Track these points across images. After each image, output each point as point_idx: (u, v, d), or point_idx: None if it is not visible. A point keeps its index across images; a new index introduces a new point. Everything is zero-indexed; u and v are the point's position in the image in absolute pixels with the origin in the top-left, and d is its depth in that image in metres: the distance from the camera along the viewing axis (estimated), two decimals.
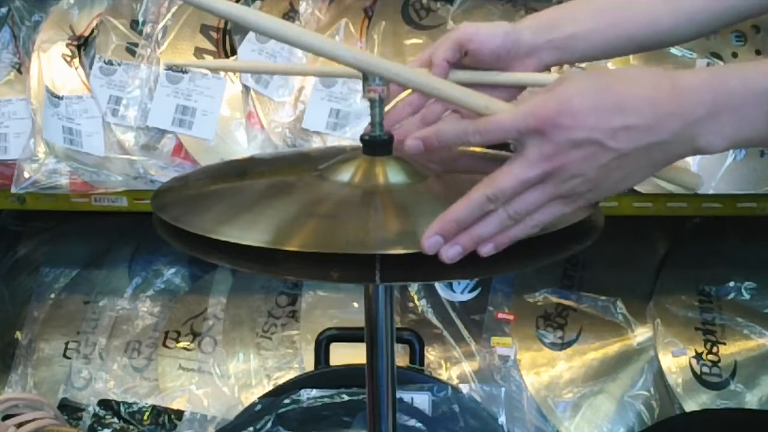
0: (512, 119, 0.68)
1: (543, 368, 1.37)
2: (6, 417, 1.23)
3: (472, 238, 0.68)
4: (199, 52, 1.38)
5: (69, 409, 1.40)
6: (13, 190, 1.38)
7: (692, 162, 1.27)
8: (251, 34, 1.37)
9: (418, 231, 0.71)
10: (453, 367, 1.39)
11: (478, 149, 1.30)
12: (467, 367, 1.38)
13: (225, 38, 1.39)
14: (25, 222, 1.71)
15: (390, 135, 0.82)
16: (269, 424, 1.22)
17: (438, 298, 1.45)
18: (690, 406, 1.31)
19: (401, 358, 1.28)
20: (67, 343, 1.48)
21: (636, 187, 1.29)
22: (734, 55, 1.30)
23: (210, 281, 1.53)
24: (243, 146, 1.35)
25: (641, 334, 1.40)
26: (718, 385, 1.33)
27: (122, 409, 1.39)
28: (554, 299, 1.44)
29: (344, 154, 0.83)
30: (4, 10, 1.46)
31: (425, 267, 0.71)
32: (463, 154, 1.06)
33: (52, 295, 1.56)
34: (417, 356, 1.29)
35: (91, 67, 1.38)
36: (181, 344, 1.45)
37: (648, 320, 1.41)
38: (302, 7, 1.39)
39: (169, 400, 1.39)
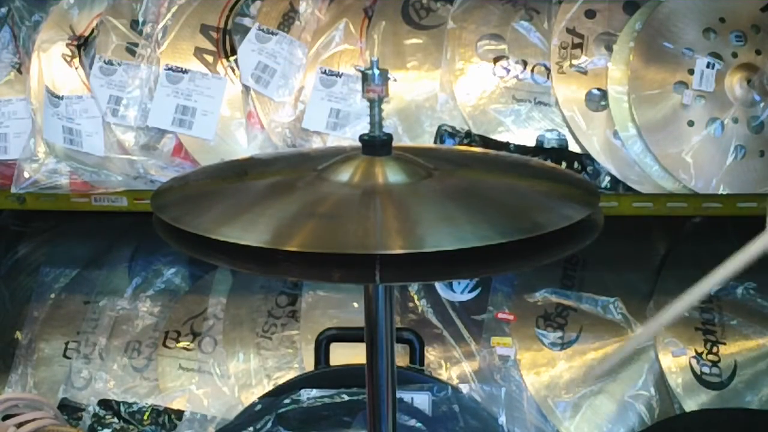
0: None
1: (543, 368, 1.37)
2: (6, 417, 1.23)
3: None
4: (199, 52, 1.38)
5: (69, 409, 1.40)
6: (13, 190, 1.38)
7: (691, 162, 1.27)
8: (251, 34, 1.37)
9: (417, 231, 0.71)
10: (453, 367, 1.39)
11: (477, 149, 1.30)
12: (467, 367, 1.38)
13: (225, 38, 1.39)
14: (25, 222, 1.71)
15: (389, 135, 0.82)
16: (269, 424, 1.22)
17: (438, 298, 1.45)
18: (690, 406, 1.31)
19: (401, 358, 1.28)
20: (67, 343, 1.48)
21: (636, 187, 1.30)
22: (734, 55, 1.30)
23: (210, 281, 1.53)
24: (243, 146, 1.35)
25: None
26: (718, 385, 1.33)
27: (122, 409, 1.39)
28: (554, 299, 1.44)
29: (344, 154, 0.84)
30: (4, 10, 1.46)
31: (425, 267, 0.71)
32: (463, 154, 1.06)
33: (52, 295, 1.56)
34: (417, 356, 1.29)
35: (91, 67, 1.38)
36: (181, 344, 1.45)
37: (648, 320, 1.41)
38: (302, 7, 1.39)
39: (169, 400, 1.39)
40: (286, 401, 1.24)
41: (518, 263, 0.76)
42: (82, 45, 1.41)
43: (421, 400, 1.24)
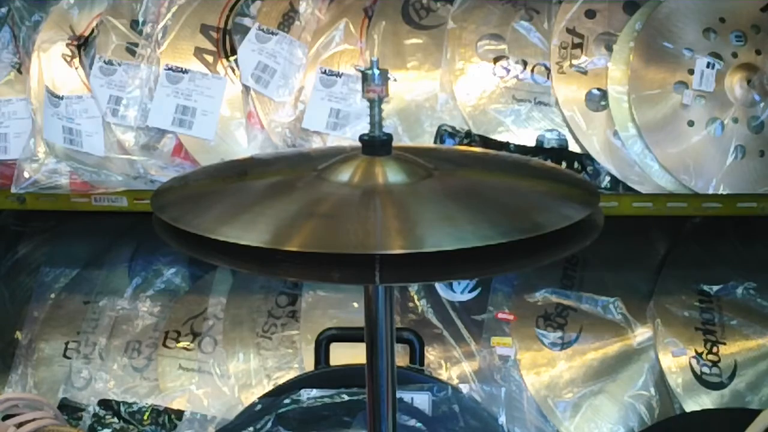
0: None
1: (543, 368, 1.37)
2: (6, 417, 1.23)
3: None
4: (199, 52, 1.38)
5: (69, 409, 1.40)
6: (13, 190, 1.38)
7: (691, 162, 1.27)
8: (251, 34, 1.37)
9: (417, 231, 0.71)
10: (453, 367, 1.39)
11: (477, 149, 1.31)
12: (467, 367, 1.38)
13: (225, 38, 1.39)
14: (25, 222, 1.71)
15: (389, 135, 0.82)
16: (269, 424, 1.22)
17: (438, 298, 1.45)
18: (690, 406, 1.31)
19: (401, 358, 1.28)
20: (67, 343, 1.48)
21: (636, 187, 1.30)
22: (734, 55, 1.30)
23: (210, 281, 1.53)
24: (243, 146, 1.35)
25: (641, 334, 1.40)
26: (718, 385, 1.33)
27: (122, 409, 1.39)
28: (554, 299, 1.44)
29: (344, 154, 0.84)
30: (4, 10, 1.46)
31: (425, 267, 0.71)
32: (463, 154, 1.06)
33: (52, 295, 1.56)
34: (417, 356, 1.29)
35: (91, 67, 1.38)
36: (181, 344, 1.45)
37: (648, 320, 1.41)
38: (302, 7, 1.39)
39: (169, 400, 1.39)
40: (286, 401, 1.23)
41: (518, 263, 0.76)
42: (82, 45, 1.41)
43: (421, 400, 1.24)
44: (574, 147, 1.31)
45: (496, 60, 1.35)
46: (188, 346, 1.45)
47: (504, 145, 1.31)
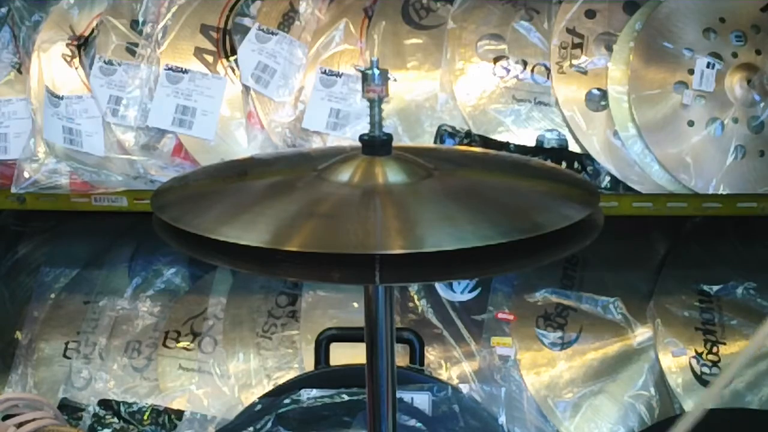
0: None
1: (543, 368, 1.37)
2: (6, 417, 1.23)
3: None
4: (199, 52, 1.38)
5: (69, 409, 1.40)
6: (13, 190, 1.38)
7: (691, 162, 1.27)
8: (251, 34, 1.37)
9: (417, 231, 0.71)
10: (453, 367, 1.39)
11: (477, 149, 1.30)
12: (467, 367, 1.38)
13: (225, 38, 1.39)
14: (25, 222, 1.71)
15: (389, 135, 0.82)
16: (269, 424, 1.22)
17: (438, 298, 1.45)
18: (690, 406, 1.31)
19: (401, 358, 1.28)
20: (67, 343, 1.48)
21: (636, 187, 1.30)
22: (734, 55, 1.30)
23: (210, 281, 1.53)
24: (243, 146, 1.36)
25: (641, 334, 1.40)
26: None
27: (122, 409, 1.39)
28: (554, 299, 1.44)
29: (344, 154, 0.84)
30: (4, 10, 1.46)
31: (425, 267, 0.71)
32: (463, 154, 1.06)
33: (52, 295, 1.56)
34: (417, 356, 1.29)
35: (91, 67, 1.38)
36: (181, 344, 1.45)
37: (648, 320, 1.41)
38: (302, 7, 1.39)
39: (169, 400, 1.39)
40: (286, 401, 1.23)
41: (518, 263, 0.76)
42: (82, 45, 1.41)
43: (421, 400, 1.24)
44: (574, 147, 1.31)
45: (496, 60, 1.35)
46: (188, 346, 1.45)
47: (504, 145, 1.31)
